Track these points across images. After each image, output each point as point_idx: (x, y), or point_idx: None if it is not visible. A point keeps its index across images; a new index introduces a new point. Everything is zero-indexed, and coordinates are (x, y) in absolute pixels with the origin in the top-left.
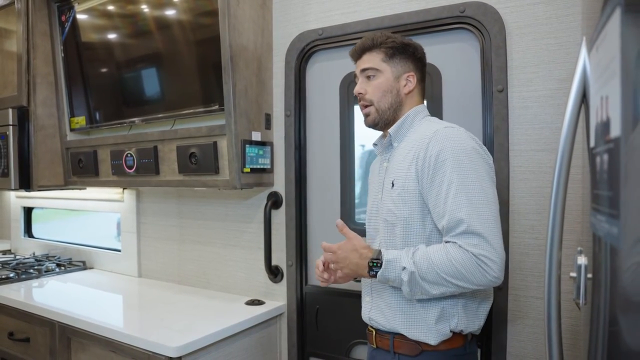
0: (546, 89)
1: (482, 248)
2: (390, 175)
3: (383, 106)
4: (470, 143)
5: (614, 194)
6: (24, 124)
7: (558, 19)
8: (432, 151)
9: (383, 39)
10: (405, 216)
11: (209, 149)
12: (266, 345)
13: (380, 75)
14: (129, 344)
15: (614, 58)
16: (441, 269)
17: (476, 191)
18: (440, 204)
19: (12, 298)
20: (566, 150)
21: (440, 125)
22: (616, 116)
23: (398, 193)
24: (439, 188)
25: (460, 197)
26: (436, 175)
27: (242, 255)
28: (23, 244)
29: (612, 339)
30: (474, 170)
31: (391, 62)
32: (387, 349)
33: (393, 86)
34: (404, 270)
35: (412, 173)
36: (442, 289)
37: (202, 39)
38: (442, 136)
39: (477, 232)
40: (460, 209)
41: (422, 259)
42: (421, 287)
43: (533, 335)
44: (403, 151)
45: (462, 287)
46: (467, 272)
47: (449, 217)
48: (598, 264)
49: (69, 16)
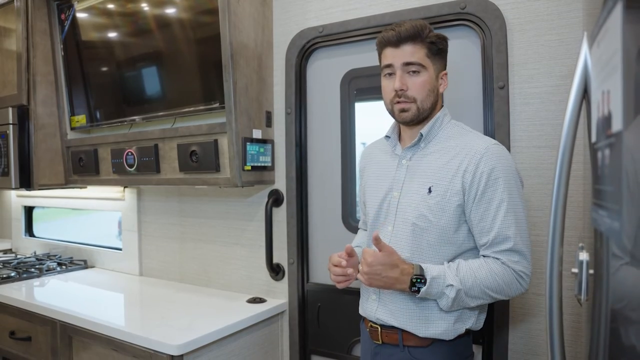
0: (547, 86)
1: (522, 265)
2: (422, 178)
3: (426, 105)
4: (514, 164)
5: (616, 189)
6: (24, 122)
7: (559, 15)
8: (485, 168)
9: (428, 32)
10: (442, 225)
11: (209, 147)
12: (268, 343)
13: (425, 72)
14: (130, 343)
15: (615, 53)
16: (485, 284)
17: (521, 212)
18: (488, 220)
19: (14, 297)
20: (567, 147)
21: (486, 139)
22: (617, 110)
23: (437, 201)
24: (488, 205)
25: (510, 217)
26: (486, 192)
27: (244, 253)
28: (24, 243)
29: (613, 335)
30: (518, 192)
31: (434, 59)
32: (395, 344)
33: (435, 85)
34: (450, 287)
35: (457, 185)
36: (480, 302)
37: (203, 37)
38: (493, 154)
39: (521, 251)
40: (509, 227)
41: (467, 276)
42: (464, 302)
43: (535, 331)
44: (443, 156)
45: (497, 299)
46: (507, 287)
47: (496, 233)
48: (599, 259)
49: (69, 14)
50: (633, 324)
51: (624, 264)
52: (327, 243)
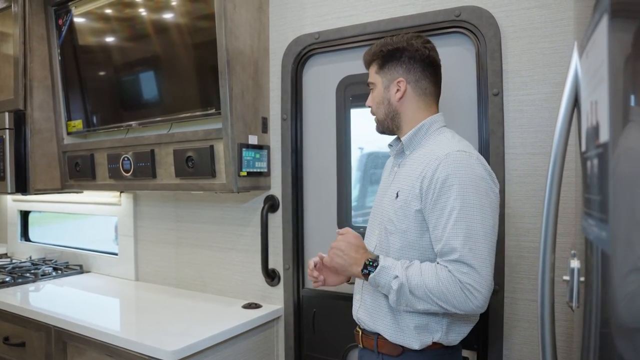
0: (541, 93)
1: (470, 277)
2: (397, 184)
3: (380, 117)
4: (478, 171)
5: (604, 199)
6: (21, 127)
7: (553, 23)
8: (440, 174)
9: (376, 49)
10: (403, 229)
11: (205, 153)
12: (263, 349)
13: (375, 87)
14: (125, 348)
15: (602, 64)
16: (429, 287)
17: (476, 222)
18: (440, 228)
19: (8, 302)
20: (559, 154)
21: (453, 146)
22: (605, 121)
23: (400, 206)
24: (441, 212)
25: (459, 226)
26: (440, 199)
27: (239, 259)
28: (19, 248)
29: (604, 341)
30: (477, 200)
31: (382, 72)
32: (371, 349)
33: (384, 97)
34: (395, 279)
35: (417, 190)
36: (427, 306)
37: (199, 42)
38: (452, 160)
39: (468, 263)
40: (456, 237)
41: (414, 274)
42: (408, 299)
43: (529, 337)
44: (413, 163)
45: (445, 309)
46: (451, 296)
47: (444, 243)
48: (590, 267)
49: (66, 20)
50: (623, 332)
51: (614, 272)
52: (323, 249)
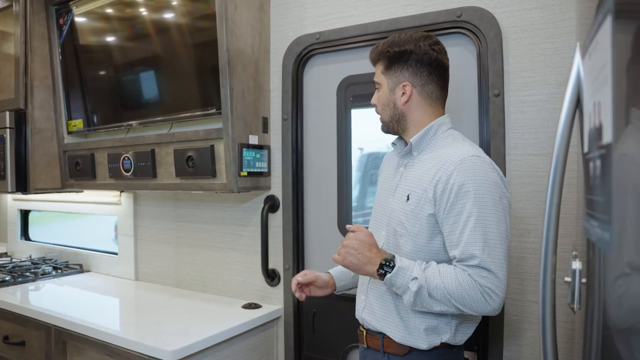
0: (542, 94)
1: (490, 281)
2: (406, 185)
3: (385, 118)
4: (493, 176)
5: (606, 200)
6: (21, 126)
7: (554, 24)
8: (456, 180)
9: (383, 48)
10: (415, 232)
11: (206, 153)
12: (263, 349)
13: (381, 88)
14: (125, 348)
15: (605, 65)
16: (448, 290)
17: (492, 228)
18: (456, 233)
19: (8, 301)
20: (561, 155)
21: (466, 150)
22: (608, 122)
23: (412, 209)
24: (457, 218)
25: (477, 233)
26: (456, 204)
27: (239, 259)
28: (19, 247)
29: (606, 343)
30: (493, 206)
31: (388, 74)
32: (377, 349)
33: (389, 99)
34: (414, 281)
35: (430, 195)
36: (443, 308)
37: (200, 42)
38: (468, 166)
39: (488, 268)
40: (475, 244)
41: (432, 276)
42: (425, 301)
43: (530, 339)
44: (425, 165)
45: (462, 311)
46: (470, 299)
47: (462, 249)
48: (592, 268)
49: (67, 19)
50: (625, 333)
51: (615, 274)
52: (323, 249)
